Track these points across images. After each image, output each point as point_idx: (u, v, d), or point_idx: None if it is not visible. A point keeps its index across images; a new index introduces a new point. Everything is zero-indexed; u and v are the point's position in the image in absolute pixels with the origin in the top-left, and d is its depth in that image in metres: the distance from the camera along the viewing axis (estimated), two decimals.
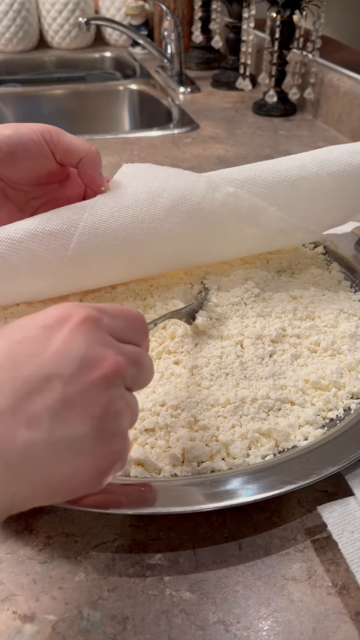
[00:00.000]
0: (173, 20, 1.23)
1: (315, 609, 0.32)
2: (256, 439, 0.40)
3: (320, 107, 1.08)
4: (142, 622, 0.31)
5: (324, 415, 0.42)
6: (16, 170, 0.46)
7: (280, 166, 0.51)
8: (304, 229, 0.52)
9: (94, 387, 0.27)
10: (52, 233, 0.44)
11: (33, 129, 0.45)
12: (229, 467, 0.38)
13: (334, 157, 0.51)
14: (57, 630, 0.31)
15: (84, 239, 0.45)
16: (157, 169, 0.50)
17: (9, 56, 1.62)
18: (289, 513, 0.37)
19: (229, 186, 0.49)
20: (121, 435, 0.28)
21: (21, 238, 0.44)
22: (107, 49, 1.69)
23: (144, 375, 0.31)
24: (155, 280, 0.53)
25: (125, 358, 0.29)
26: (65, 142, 0.45)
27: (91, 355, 0.27)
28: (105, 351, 0.28)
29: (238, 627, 0.31)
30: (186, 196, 0.47)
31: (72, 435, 0.25)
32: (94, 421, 0.26)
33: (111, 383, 0.27)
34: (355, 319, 0.51)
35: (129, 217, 0.46)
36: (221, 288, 0.52)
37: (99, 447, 0.27)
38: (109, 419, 0.27)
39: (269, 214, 0.50)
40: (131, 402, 0.30)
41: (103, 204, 0.46)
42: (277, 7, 1.02)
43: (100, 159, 0.47)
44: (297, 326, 0.49)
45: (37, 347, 0.26)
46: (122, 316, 0.31)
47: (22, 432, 0.24)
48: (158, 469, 0.38)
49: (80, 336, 0.27)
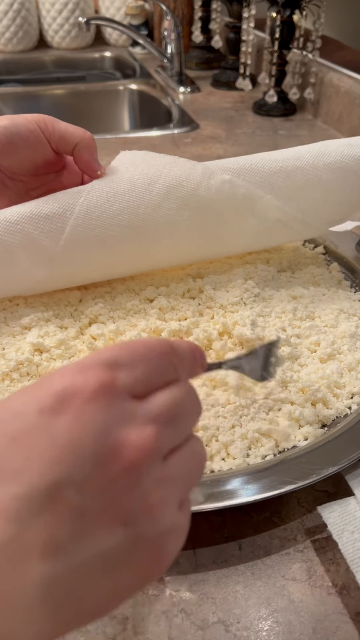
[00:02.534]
0: (173, 20, 1.23)
1: (315, 609, 0.32)
2: (256, 439, 0.40)
3: (320, 107, 1.08)
4: (142, 622, 0.31)
5: (324, 415, 0.42)
6: (14, 160, 0.47)
7: (276, 156, 0.51)
8: (302, 221, 0.52)
9: (117, 486, 0.21)
10: (48, 216, 0.45)
11: (28, 119, 0.46)
12: (228, 467, 0.38)
13: (331, 149, 0.52)
14: None
15: (80, 223, 0.45)
16: (154, 156, 0.50)
17: (8, 56, 1.61)
18: (289, 513, 0.37)
19: (225, 174, 0.49)
20: (169, 529, 0.22)
21: (17, 220, 0.44)
22: (107, 49, 1.69)
23: (187, 422, 0.25)
24: (156, 280, 0.53)
25: (155, 426, 0.22)
26: (60, 129, 0.46)
27: (108, 444, 0.21)
28: (127, 431, 0.21)
29: (238, 627, 0.31)
30: (182, 182, 0.48)
31: (101, 552, 0.20)
32: (127, 528, 0.21)
33: (141, 472, 0.21)
34: (355, 319, 0.51)
35: (125, 201, 0.46)
36: (221, 288, 0.52)
37: (141, 554, 0.21)
38: (146, 518, 0.21)
39: (266, 202, 0.50)
40: (177, 470, 0.23)
41: (99, 188, 0.47)
42: (277, 7, 1.02)
43: (95, 144, 0.48)
44: (297, 326, 0.49)
45: (36, 444, 0.20)
46: (144, 358, 0.24)
47: (35, 566, 0.19)
48: None
49: (90, 420, 0.21)
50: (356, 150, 0.52)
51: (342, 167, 0.51)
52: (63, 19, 1.60)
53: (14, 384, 0.43)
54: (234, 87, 1.26)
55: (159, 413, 0.23)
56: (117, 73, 1.60)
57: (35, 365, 0.44)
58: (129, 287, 0.52)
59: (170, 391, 0.24)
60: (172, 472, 0.23)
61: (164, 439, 0.23)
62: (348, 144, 0.52)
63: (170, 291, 0.52)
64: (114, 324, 0.48)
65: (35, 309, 0.49)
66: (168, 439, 0.23)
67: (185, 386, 0.25)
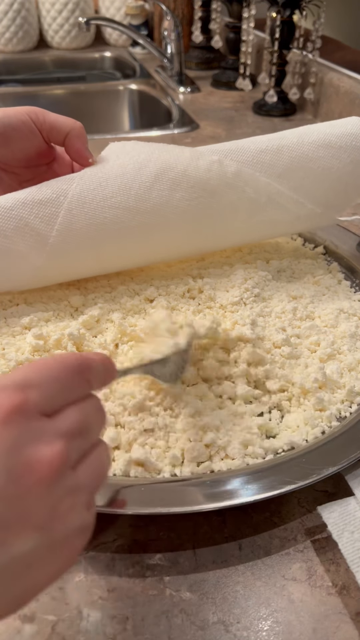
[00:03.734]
0: (173, 20, 1.23)
1: (315, 609, 0.32)
2: (255, 439, 0.40)
3: (320, 107, 1.08)
4: (142, 622, 0.31)
5: (324, 415, 0.42)
6: (8, 151, 0.48)
7: (261, 139, 0.53)
8: (296, 201, 0.52)
9: (31, 496, 0.23)
10: (42, 201, 0.46)
11: (19, 110, 0.47)
12: (228, 468, 0.38)
13: (313, 130, 0.53)
14: (57, 631, 0.31)
15: (73, 207, 0.46)
16: (143, 145, 0.51)
17: (8, 56, 1.61)
18: (289, 513, 0.37)
19: (213, 155, 0.50)
20: (78, 530, 0.24)
21: (12, 206, 0.45)
22: (107, 49, 1.69)
23: (94, 432, 0.27)
24: (156, 281, 0.53)
25: (64, 440, 0.24)
26: (50, 119, 0.48)
27: (20, 462, 0.23)
28: (38, 447, 0.23)
29: (238, 627, 0.31)
30: (171, 165, 0.49)
31: (16, 556, 0.22)
32: (42, 531, 0.23)
33: (52, 482, 0.23)
34: (355, 319, 0.51)
35: (117, 185, 0.47)
36: (221, 288, 0.52)
37: (53, 554, 0.23)
38: (59, 521, 0.23)
39: (256, 180, 0.51)
40: (85, 477, 0.25)
41: (91, 174, 0.48)
42: (277, 7, 1.02)
43: (85, 133, 0.49)
44: (297, 326, 0.49)
45: None
46: (55, 378, 0.26)
47: None
48: (158, 470, 0.38)
49: (3, 440, 0.23)
50: (337, 129, 0.53)
51: (326, 144, 0.52)
52: (63, 19, 1.60)
53: None
54: (234, 87, 1.26)
55: (68, 428, 0.25)
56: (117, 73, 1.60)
57: None
58: (129, 287, 0.52)
59: (79, 406, 0.26)
60: (81, 479, 0.25)
61: (72, 452, 0.25)
62: (330, 124, 0.54)
63: (170, 291, 0.52)
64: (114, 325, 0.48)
65: (35, 309, 0.49)
66: (76, 451, 0.25)
67: (92, 400, 0.28)
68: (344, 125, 0.53)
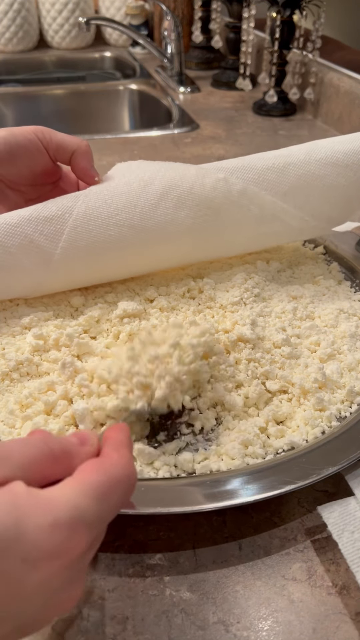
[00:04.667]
0: (173, 20, 1.23)
1: (315, 609, 0.32)
2: (255, 438, 0.40)
3: (320, 107, 1.08)
4: (142, 622, 0.31)
5: (324, 415, 0.42)
6: (15, 169, 0.48)
7: (267, 155, 0.53)
8: (300, 218, 0.52)
9: (63, 574, 0.24)
10: (47, 219, 0.46)
11: (26, 129, 0.48)
12: (228, 468, 0.38)
13: (320, 146, 0.53)
14: (57, 631, 0.31)
15: (78, 224, 0.46)
16: (149, 163, 0.52)
17: (8, 56, 1.61)
18: (289, 513, 0.37)
19: (219, 173, 0.50)
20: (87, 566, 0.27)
21: (17, 223, 0.45)
22: (107, 49, 1.69)
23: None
24: (156, 281, 0.53)
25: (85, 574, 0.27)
26: (57, 138, 0.49)
27: (54, 602, 0.25)
28: (74, 588, 0.26)
29: (238, 627, 0.31)
30: (176, 182, 0.49)
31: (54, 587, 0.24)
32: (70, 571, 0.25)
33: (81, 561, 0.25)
34: (355, 319, 0.51)
35: (122, 202, 0.47)
36: (221, 288, 0.52)
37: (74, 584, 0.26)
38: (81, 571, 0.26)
39: (262, 198, 0.51)
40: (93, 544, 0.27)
41: (97, 192, 0.48)
42: (277, 7, 1.02)
43: (91, 152, 0.50)
44: (297, 326, 0.49)
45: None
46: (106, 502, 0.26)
47: None
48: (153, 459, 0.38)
49: (51, 581, 0.24)
50: (345, 146, 0.52)
51: (333, 162, 0.52)
52: (63, 19, 1.60)
53: (14, 384, 0.43)
54: (234, 87, 1.26)
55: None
56: (117, 73, 1.60)
57: (35, 365, 0.44)
58: (129, 287, 0.52)
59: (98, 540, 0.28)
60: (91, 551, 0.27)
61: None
62: (337, 141, 0.53)
63: (170, 291, 0.52)
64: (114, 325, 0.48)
65: (35, 309, 0.49)
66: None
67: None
68: (351, 141, 0.53)
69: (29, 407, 0.41)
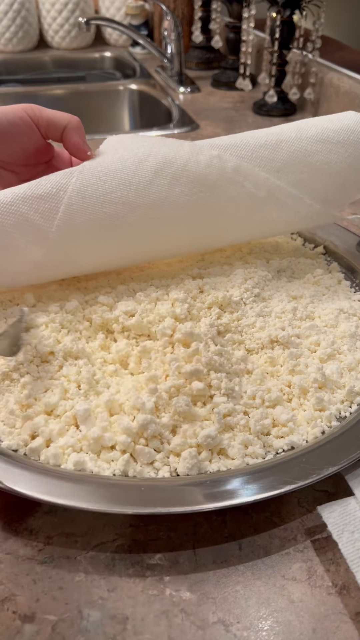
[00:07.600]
0: (173, 20, 1.23)
1: (315, 609, 0.32)
2: (255, 438, 0.40)
3: (320, 107, 1.08)
4: (142, 622, 0.31)
5: (324, 415, 0.42)
6: (6, 148, 0.49)
7: (259, 133, 0.53)
8: (295, 196, 0.52)
9: None
10: (42, 196, 0.46)
11: (16, 107, 0.48)
12: (228, 468, 0.38)
13: (311, 124, 0.53)
14: (57, 630, 0.31)
15: (73, 202, 0.46)
16: (142, 138, 0.51)
17: (9, 56, 1.61)
18: (289, 513, 0.37)
19: (213, 150, 0.50)
20: None
21: (11, 201, 0.45)
22: (107, 49, 1.69)
23: None
24: (156, 280, 0.53)
25: None
26: (47, 114, 0.49)
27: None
28: None
29: (238, 627, 0.31)
30: (171, 159, 0.49)
31: None
32: None
33: None
34: (355, 319, 0.51)
35: (117, 179, 0.47)
36: (221, 288, 0.52)
37: None
38: None
39: (255, 175, 0.51)
40: None
41: (91, 168, 0.47)
42: (277, 7, 1.02)
43: (82, 127, 0.50)
44: (297, 326, 0.49)
45: None
46: None
47: None
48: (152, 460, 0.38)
49: None
50: (334, 124, 0.53)
51: (324, 139, 0.52)
52: (63, 19, 1.60)
53: (14, 383, 0.43)
54: (234, 87, 1.26)
55: None
56: (117, 73, 1.60)
57: (35, 365, 0.44)
58: (129, 287, 0.52)
59: None
60: None
61: None
62: (327, 119, 0.54)
63: (170, 291, 0.52)
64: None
65: (36, 309, 0.49)
66: None
67: None
68: (341, 120, 0.53)
69: (30, 407, 0.41)
